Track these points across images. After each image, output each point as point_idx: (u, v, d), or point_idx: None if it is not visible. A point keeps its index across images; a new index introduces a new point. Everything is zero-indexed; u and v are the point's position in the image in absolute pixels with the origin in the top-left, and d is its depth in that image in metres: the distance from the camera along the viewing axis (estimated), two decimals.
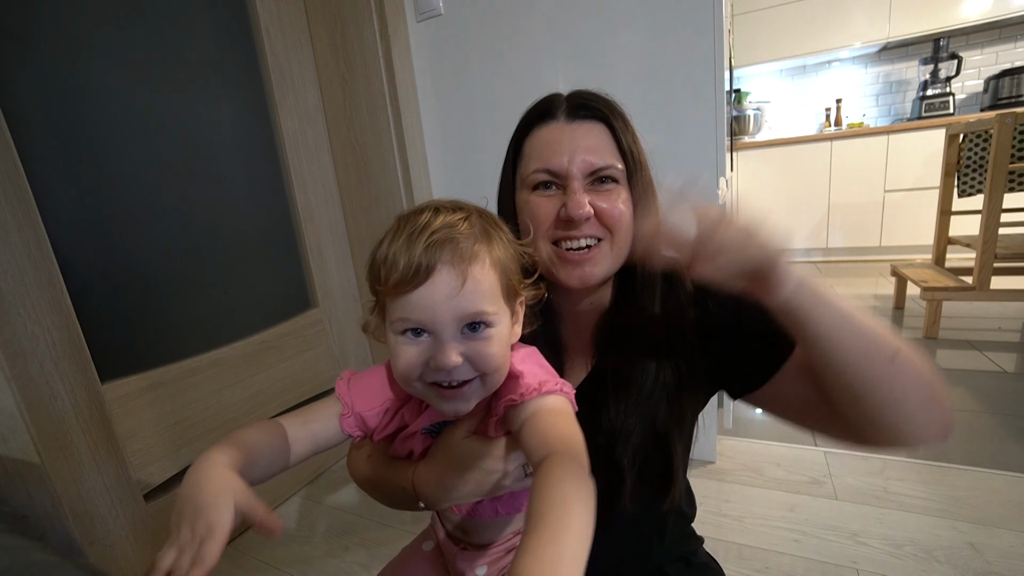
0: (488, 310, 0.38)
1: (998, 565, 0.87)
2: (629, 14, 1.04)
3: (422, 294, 0.36)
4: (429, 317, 0.36)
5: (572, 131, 0.50)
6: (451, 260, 0.36)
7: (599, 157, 0.49)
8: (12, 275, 0.77)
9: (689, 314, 0.52)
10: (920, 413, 0.41)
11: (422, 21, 1.28)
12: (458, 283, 0.36)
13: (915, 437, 0.41)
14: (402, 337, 0.38)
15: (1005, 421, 1.32)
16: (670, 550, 0.61)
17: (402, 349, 0.38)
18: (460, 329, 0.37)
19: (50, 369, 0.82)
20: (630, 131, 0.52)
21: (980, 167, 1.92)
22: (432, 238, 0.36)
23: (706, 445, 1.25)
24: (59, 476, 0.81)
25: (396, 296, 0.37)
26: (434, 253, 0.36)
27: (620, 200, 0.50)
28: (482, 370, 0.38)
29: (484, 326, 0.38)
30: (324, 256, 1.41)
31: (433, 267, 0.35)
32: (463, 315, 0.37)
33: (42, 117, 0.85)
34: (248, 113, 1.21)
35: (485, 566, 0.50)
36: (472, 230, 0.38)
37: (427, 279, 0.36)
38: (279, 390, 1.26)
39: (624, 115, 0.53)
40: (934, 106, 3.12)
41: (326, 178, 1.41)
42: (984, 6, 2.85)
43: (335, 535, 1.14)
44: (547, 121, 0.52)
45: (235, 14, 1.18)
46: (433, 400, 0.41)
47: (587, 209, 0.48)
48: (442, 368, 0.37)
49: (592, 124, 0.51)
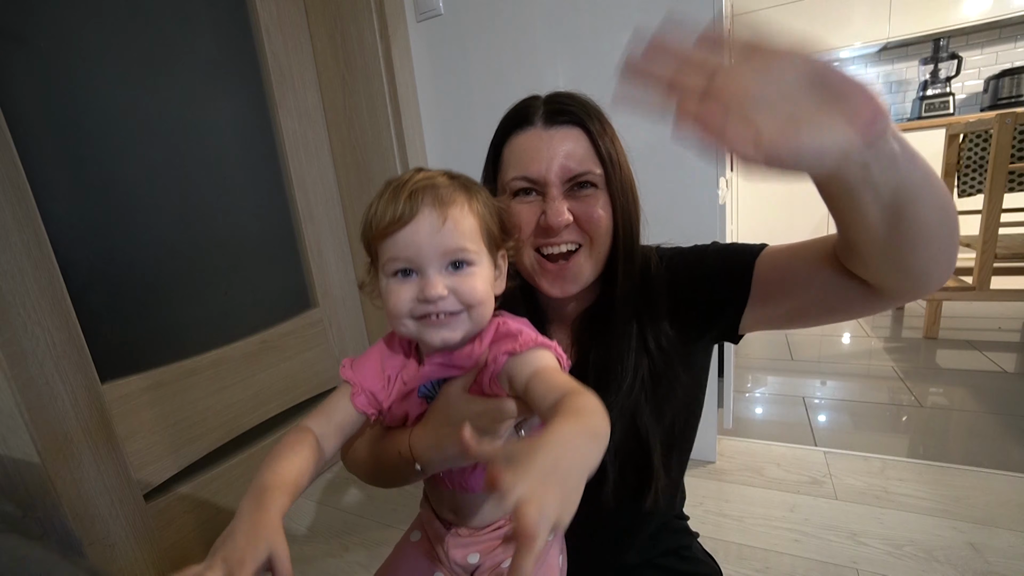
0: (469, 247, 0.42)
1: (998, 565, 0.87)
2: (629, 14, 1.04)
3: (407, 233, 0.40)
4: (415, 253, 0.40)
5: (550, 137, 0.50)
6: (432, 203, 0.40)
7: (576, 163, 0.50)
8: (12, 275, 0.77)
9: (664, 304, 0.53)
10: (955, 245, 0.38)
11: (422, 21, 1.28)
12: (439, 222, 0.40)
13: (945, 274, 0.39)
14: (393, 279, 0.42)
15: (1005, 421, 1.32)
16: (660, 544, 0.61)
17: (393, 288, 0.42)
18: (444, 266, 0.41)
19: (50, 369, 0.82)
20: (608, 134, 0.52)
21: (980, 167, 1.92)
22: (415, 187, 0.41)
23: (706, 445, 1.25)
24: (59, 476, 0.81)
25: (385, 238, 0.41)
26: (417, 198, 0.40)
27: (599, 205, 0.51)
28: (467, 302, 0.41)
29: (466, 264, 0.42)
30: (324, 256, 1.41)
31: (417, 209, 0.40)
32: (446, 250, 0.41)
33: (42, 117, 0.85)
34: (248, 113, 1.21)
35: (477, 553, 0.50)
36: (452, 183, 0.43)
37: (411, 220, 0.40)
38: (279, 390, 1.26)
39: (602, 117, 0.53)
40: (934, 106, 3.12)
41: (326, 178, 1.41)
42: (984, 6, 2.85)
43: (335, 535, 1.14)
44: (524, 128, 0.52)
45: (235, 14, 1.17)
46: (423, 333, 0.43)
47: (565, 217, 0.49)
48: (429, 299, 0.40)
49: (569, 129, 0.51)
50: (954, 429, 1.32)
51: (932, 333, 1.91)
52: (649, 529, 0.61)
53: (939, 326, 1.91)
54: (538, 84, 1.18)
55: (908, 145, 0.32)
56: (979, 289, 1.82)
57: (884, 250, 0.37)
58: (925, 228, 0.35)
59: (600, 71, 1.10)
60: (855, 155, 0.30)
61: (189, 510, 1.05)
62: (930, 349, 1.84)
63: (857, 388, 1.60)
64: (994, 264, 1.79)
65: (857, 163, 0.31)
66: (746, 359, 1.90)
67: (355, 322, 1.52)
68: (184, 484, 1.05)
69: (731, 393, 1.29)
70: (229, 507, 1.14)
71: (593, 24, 1.09)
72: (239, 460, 1.16)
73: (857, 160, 0.30)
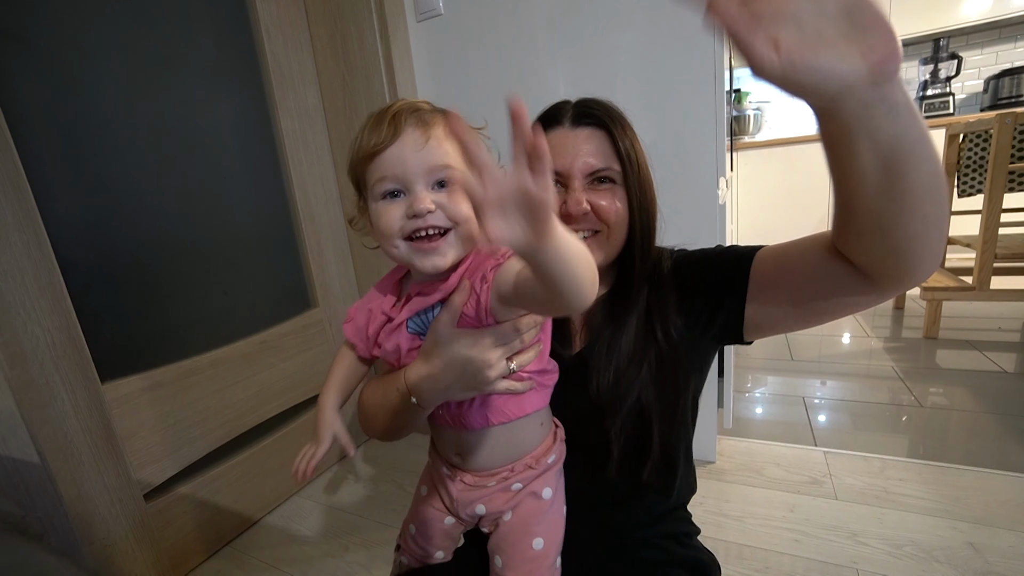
0: (453, 165, 0.42)
1: (998, 565, 0.87)
2: (629, 14, 1.04)
3: (392, 151, 0.42)
4: (401, 170, 0.42)
5: (575, 136, 0.57)
6: (415, 123, 0.42)
7: (598, 160, 0.56)
8: (12, 275, 0.77)
9: (672, 299, 0.57)
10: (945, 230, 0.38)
11: (422, 21, 1.28)
12: (423, 139, 0.42)
13: (935, 262, 0.40)
14: (382, 201, 0.43)
15: (1005, 421, 1.32)
16: (662, 527, 0.63)
17: (383, 210, 0.43)
18: (431, 183, 0.43)
19: (50, 369, 0.82)
20: (628, 136, 0.58)
21: (980, 167, 1.92)
22: (396, 110, 0.43)
23: (706, 445, 1.25)
24: (59, 476, 0.81)
25: (371, 160, 0.43)
26: (399, 119, 0.42)
27: (616, 198, 0.57)
28: (453, 218, 0.43)
29: (451, 183, 0.43)
30: (324, 256, 1.41)
31: (401, 129, 0.42)
32: (431, 167, 0.42)
33: (42, 117, 0.85)
34: (248, 113, 1.21)
35: (483, 505, 0.53)
36: (433, 108, 0.45)
37: (396, 139, 0.42)
38: (279, 390, 1.26)
39: (624, 121, 0.59)
40: (934, 106, 3.12)
41: (326, 178, 1.41)
42: (984, 6, 2.85)
43: (335, 535, 1.14)
44: (554, 126, 0.58)
45: (235, 14, 1.17)
46: (414, 258, 0.44)
47: (583, 206, 0.55)
48: (418, 214, 0.42)
49: (593, 130, 0.57)
50: (954, 429, 1.32)
51: (932, 333, 1.91)
52: (651, 508, 0.62)
53: (939, 326, 1.91)
54: (538, 84, 1.19)
55: (911, 102, 0.32)
56: (979, 289, 1.82)
57: (875, 213, 0.38)
58: (916, 191, 0.35)
59: (600, 71, 1.10)
60: (859, 91, 0.31)
61: (189, 510, 1.05)
62: (930, 349, 1.84)
63: (857, 388, 1.60)
64: (994, 264, 1.79)
65: (860, 101, 0.31)
66: (746, 359, 1.90)
67: None
68: (184, 484, 1.05)
69: (731, 393, 1.29)
70: (229, 507, 1.14)
71: (593, 24, 1.09)
72: (239, 460, 1.16)
73: (860, 97, 0.31)
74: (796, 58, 0.30)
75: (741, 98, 3.54)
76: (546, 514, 0.54)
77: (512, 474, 0.53)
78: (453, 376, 0.46)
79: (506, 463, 0.53)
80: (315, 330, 1.37)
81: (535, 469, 0.54)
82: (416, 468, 1.36)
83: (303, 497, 1.30)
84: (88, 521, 0.86)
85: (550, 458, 0.55)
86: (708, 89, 1.00)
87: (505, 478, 0.53)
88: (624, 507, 0.61)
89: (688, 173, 1.06)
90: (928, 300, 1.90)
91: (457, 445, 0.55)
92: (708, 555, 0.64)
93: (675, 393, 0.59)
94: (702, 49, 0.99)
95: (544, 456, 0.54)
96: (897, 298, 2.31)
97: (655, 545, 0.61)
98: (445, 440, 0.56)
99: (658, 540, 0.62)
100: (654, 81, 1.05)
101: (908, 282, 0.42)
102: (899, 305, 2.31)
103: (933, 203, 0.36)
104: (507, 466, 0.53)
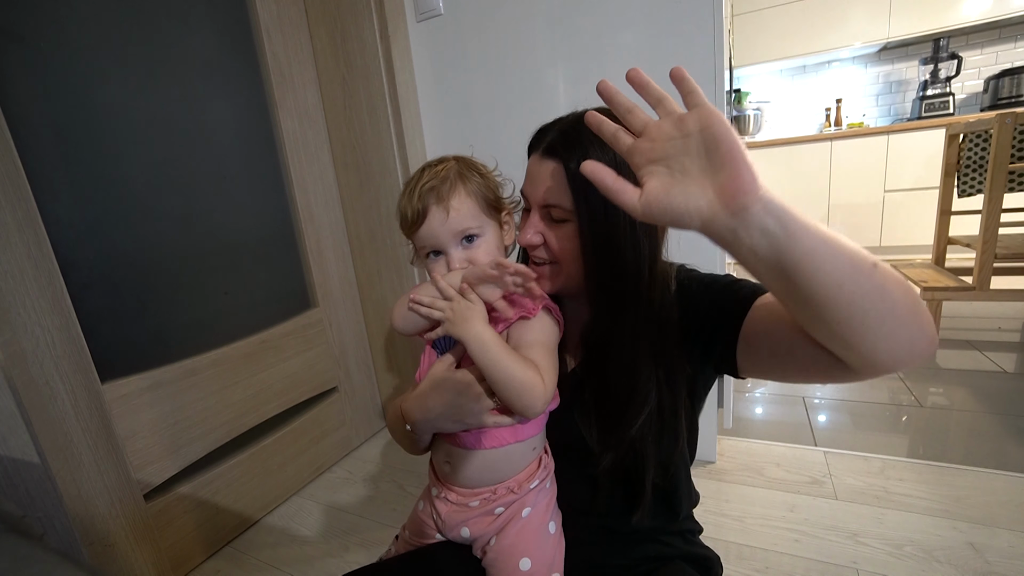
0: (472, 225, 0.53)
1: (998, 565, 0.87)
2: (629, 14, 1.04)
3: (425, 229, 0.53)
4: (435, 241, 0.53)
5: (540, 166, 0.55)
6: (436, 201, 0.52)
7: (549, 195, 0.54)
8: (12, 275, 0.77)
9: (673, 316, 0.54)
10: (905, 326, 0.36)
11: (422, 21, 1.28)
12: (444, 214, 0.52)
13: (905, 354, 0.37)
14: (428, 259, 0.55)
15: (1005, 421, 1.32)
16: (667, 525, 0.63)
17: (432, 266, 0.55)
18: (459, 242, 0.54)
19: (50, 369, 0.82)
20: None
21: (980, 167, 1.92)
22: (422, 189, 0.53)
23: (706, 445, 1.25)
24: (59, 476, 0.81)
25: (413, 234, 0.54)
26: (425, 199, 0.52)
27: (564, 235, 0.55)
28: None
29: (476, 237, 0.54)
30: (324, 256, 1.41)
31: (427, 210, 0.52)
32: (455, 232, 0.53)
33: (42, 117, 0.85)
34: (248, 113, 1.21)
35: (467, 528, 0.56)
36: (448, 174, 0.54)
37: (425, 219, 0.53)
38: (279, 390, 1.26)
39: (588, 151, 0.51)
40: (934, 106, 3.12)
41: (326, 178, 1.41)
42: (984, 6, 2.85)
43: (335, 535, 1.14)
44: (533, 150, 0.58)
45: (235, 14, 1.17)
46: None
47: (529, 237, 0.56)
48: (456, 270, 0.53)
49: (555, 163, 0.54)
50: (954, 429, 1.32)
51: None
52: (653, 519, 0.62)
53: (939, 326, 1.91)
54: (538, 84, 1.19)
55: (791, 221, 0.33)
56: (979, 289, 1.82)
57: (794, 312, 0.39)
58: (818, 299, 0.35)
59: (600, 71, 1.10)
60: (720, 220, 0.34)
61: (189, 510, 1.05)
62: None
63: (857, 388, 1.60)
64: (994, 264, 1.79)
65: (726, 227, 0.34)
66: None
67: (355, 322, 1.52)
68: (184, 484, 1.05)
69: (731, 393, 1.29)
70: (229, 507, 1.14)
71: (593, 24, 1.09)
72: (239, 460, 1.16)
73: (725, 224, 0.34)
74: (652, 201, 0.36)
75: (741, 98, 3.55)
76: (532, 533, 0.56)
77: (494, 496, 0.56)
78: (442, 407, 0.52)
79: (491, 483, 0.56)
80: (315, 330, 1.37)
81: (516, 494, 0.56)
82: (416, 468, 1.36)
83: (303, 497, 1.30)
84: (88, 521, 0.86)
85: (532, 483, 0.57)
86: (708, 89, 1.00)
87: (488, 499, 0.56)
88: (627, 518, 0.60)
89: None
90: (928, 300, 1.90)
91: (448, 454, 0.58)
92: (711, 552, 0.65)
93: (674, 433, 0.56)
94: (702, 49, 0.99)
95: (527, 481, 0.56)
96: None
97: (661, 542, 0.62)
98: (439, 446, 0.60)
99: (664, 536, 0.62)
100: (654, 81, 1.05)
101: (880, 369, 0.38)
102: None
103: (850, 306, 0.34)
104: (490, 487, 0.56)
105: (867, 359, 0.37)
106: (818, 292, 0.35)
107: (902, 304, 0.35)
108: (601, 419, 0.56)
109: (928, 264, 2.21)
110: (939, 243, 2.16)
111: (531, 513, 0.56)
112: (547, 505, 0.58)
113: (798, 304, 0.37)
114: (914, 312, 0.36)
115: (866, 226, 3.13)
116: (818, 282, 0.34)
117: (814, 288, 0.35)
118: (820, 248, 0.34)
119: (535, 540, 0.56)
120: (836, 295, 0.34)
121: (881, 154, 2.98)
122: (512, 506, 0.56)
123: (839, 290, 0.34)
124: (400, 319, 0.55)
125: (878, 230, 3.11)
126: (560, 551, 0.58)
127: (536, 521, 0.56)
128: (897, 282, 0.35)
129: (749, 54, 3.38)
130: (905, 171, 2.96)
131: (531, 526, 0.56)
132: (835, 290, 0.34)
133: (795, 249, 0.34)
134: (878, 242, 3.13)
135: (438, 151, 1.36)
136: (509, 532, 0.55)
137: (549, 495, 0.59)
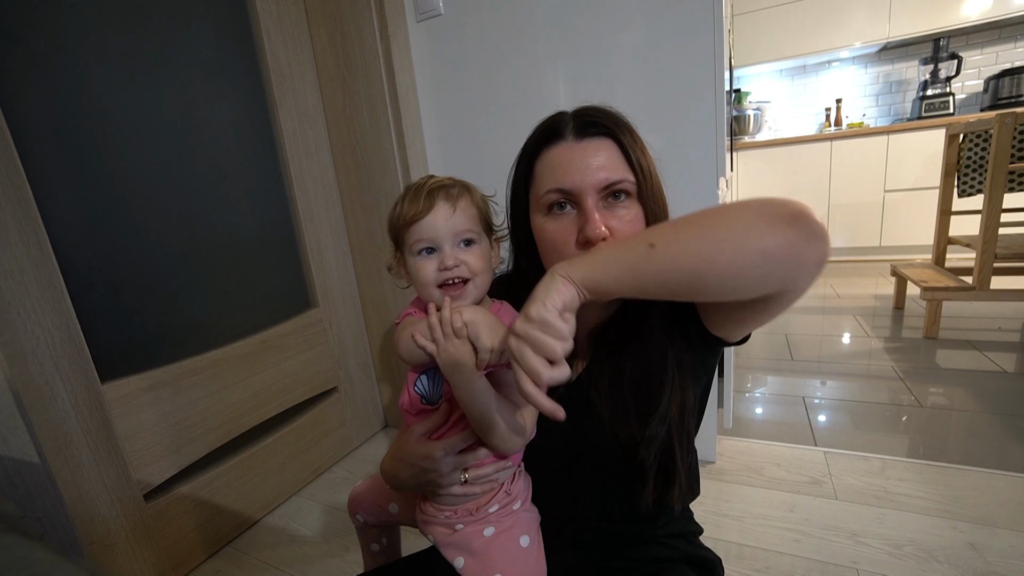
0: (473, 229, 0.54)
1: (998, 565, 0.87)
2: (629, 14, 1.04)
3: (428, 220, 0.52)
4: (435, 234, 0.52)
5: (582, 149, 0.51)
6: (445, 198, 0.53)
7: (611, 172, 0.50)
8: (12, 275, 0.77)
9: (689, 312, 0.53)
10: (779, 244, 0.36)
11: (422, 21, 1.28)
12: (451, 211, 0.52)
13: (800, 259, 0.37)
14: (419, 256, 0.53)
15: (1005, 421, 1.32)
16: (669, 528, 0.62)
17: (421, 264, 0.53)
18: (456, 243, 0.53)
19: (50, 369, 0.82)
20: (639, 144, 0.53)
21: (980, 167, 1.92)
22: (431, 188, 0.53)
23: (706, 445, 1.25)
24: (59, 476, 0.82)
25: (411, 225, 0.52)
26: (434, 194, 0.52)
27: (634, 218, 0.51)
28: (473, 272, 0.53)
29: (472, 242, 0.54)
30: (324, 256, 1.41)
31: (434, 202, 0.52)
32: (457, 231, 0.53)
33: (42, 117, 0.85)
34: (248, 113, 1.21)
35: (462, 558, 0.55)
36: (456, 184, 0.55)
37: (431, 210, 0.52)
38: (279, 390, 1.26)
39: (631, 128, 0.53)
40: (934, 106, 3.12)
41: (326, 178, 1.41)
42: (984, 6, 2.85)
43: (335, 535, 1.14)
44: (556, 142, 0.53)
45: (235, 14, 1.18)
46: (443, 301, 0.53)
47: (602, 231, 0.49)
48: (448, 266, 0.52)
49: (601, 140, 0.51)
50: (954, 429, 1.32)
51: (932, 333, 1.91)
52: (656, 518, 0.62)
53: (939, 326, 1.91)
54: (538, 84, 1.19)
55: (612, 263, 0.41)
56: (979, 289, 1.82)
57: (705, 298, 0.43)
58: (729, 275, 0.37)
59: (600, 71, 1.10)
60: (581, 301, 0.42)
61: (189, 510, 1.05)
62: (930, 349, 1.84)
63: (857, 388, 1.60)
64: (994, 264, 1.79)
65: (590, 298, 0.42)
66: (746, 359, 1.90)
67: (355, 322, 1.52)
68: (184, 484, 1.05)
69: (731, 393, 1.29)
70: (229, 507, 1.14)
71: (593, 24, 1.09)
72: (239, 460, 1.16)
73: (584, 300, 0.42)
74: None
75: (741, 98, 3.55)
76: (500, 549, 0.55)
77: (455, 516, 0.57)
78: (413, 481, 0.56)
79: (463, 502, 0.57)
80: (315, 330, 1.37)
81: (474, 516, 0.56)
82: None
83: (303, 497, 1.30)
84: (88, 521, 0.86)
85: (492, 507, 0.56)
86: (708, 89, 1.00)
87: (449, 516, 0.57)
88: (628, 519, 0.61)
89: (688, 173, 1.06)
90: (928, 300, 1.90)
91: None
92: (713, 554, 0.65)
93: (689, 412, 0.56)
94: (702, 49, 0.99)
95: (486, 505, 0.56)
96: (897, 298, 2.31)
97: (664, 544, 0.61)
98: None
99: (667, 539, 0.62)
100: (654, 81, 1.05)
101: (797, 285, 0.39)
102: (899, 305, 2.31)
103: (727, 268, 0.37)
104: (453, 507, 0.57)
105: (779, 286, 0.39)
106: (694, 281, 0.39)
107: (756, 232, 0.36)
108: (628, 413, 0.54)
109: (928, 264, 2.21)
110: (939, 243, 2.16)
111: (495, 532, 0.56)
112: (514, 523, 0.57)
113: (691, 296, 0.41)
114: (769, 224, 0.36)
115: (866, 226, 3.13)
116: (684, 276, 0.38)
117: (686, 282, 0.39)
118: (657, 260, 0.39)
119: (505, 556, 0.54)
120: (707, 271, 0.38)
121: (881, 154, 2.99)
122: (472, 524, 0.56)
123: (710, 267, 0.37)
124: (406, 352, 0.53)
125: (878, 230, 3.11)
126: (539, 563, 0.56)
127: (503, 538, 0.55)
128: (731, 219, 0.38)
129: (749, 54, 3.38)
130: (905, 171, 2.96)
131: (498, 542, 0.55)
132: (706, 268, 0.38)
133: (644, 270, 0.39)
134: (878, 242, 3.13)
135: (438, 151, 1.36)
136: (475, 549, 0.55)
137: (515, 517, 0.57)
